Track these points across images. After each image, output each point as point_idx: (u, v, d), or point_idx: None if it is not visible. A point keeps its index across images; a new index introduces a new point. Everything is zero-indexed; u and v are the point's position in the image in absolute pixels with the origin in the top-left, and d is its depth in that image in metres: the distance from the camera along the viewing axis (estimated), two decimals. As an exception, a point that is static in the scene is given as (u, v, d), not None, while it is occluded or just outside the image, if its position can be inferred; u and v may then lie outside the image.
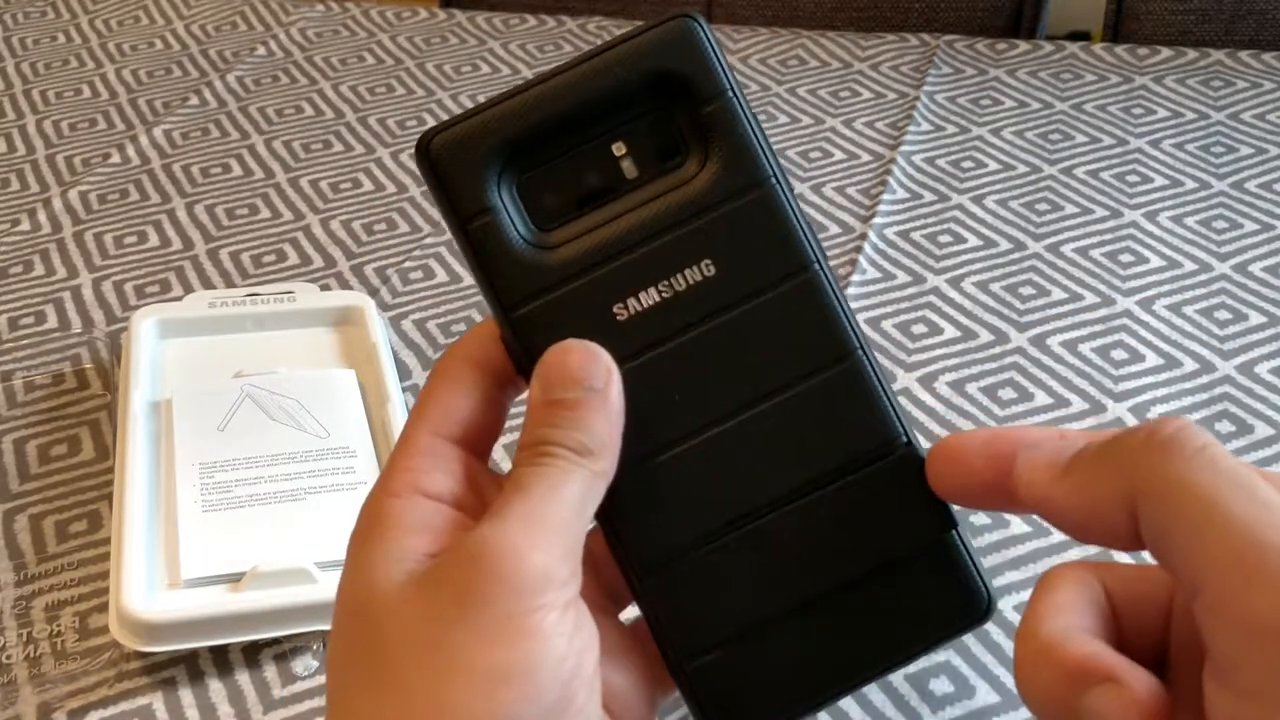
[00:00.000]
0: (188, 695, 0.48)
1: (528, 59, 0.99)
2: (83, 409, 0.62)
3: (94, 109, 0.94)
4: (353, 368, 0.61)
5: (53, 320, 0.70)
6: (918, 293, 0.69)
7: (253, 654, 0.49)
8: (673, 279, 0.32)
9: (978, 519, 0.54)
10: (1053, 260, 0.72)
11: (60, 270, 0.74)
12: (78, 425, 0.61)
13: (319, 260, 0.75)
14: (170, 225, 0.79)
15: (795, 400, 0.32)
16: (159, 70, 1.00)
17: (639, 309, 0.32)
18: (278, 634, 0.48)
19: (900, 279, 0.71)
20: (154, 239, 0.77)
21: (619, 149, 0.33)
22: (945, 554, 0.33)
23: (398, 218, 0.79)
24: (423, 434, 0.32)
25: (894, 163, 0.82)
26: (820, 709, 0.33)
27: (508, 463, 0.50)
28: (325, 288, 0.71)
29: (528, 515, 0.30)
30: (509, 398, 0.34)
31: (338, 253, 0.75)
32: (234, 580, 0.49)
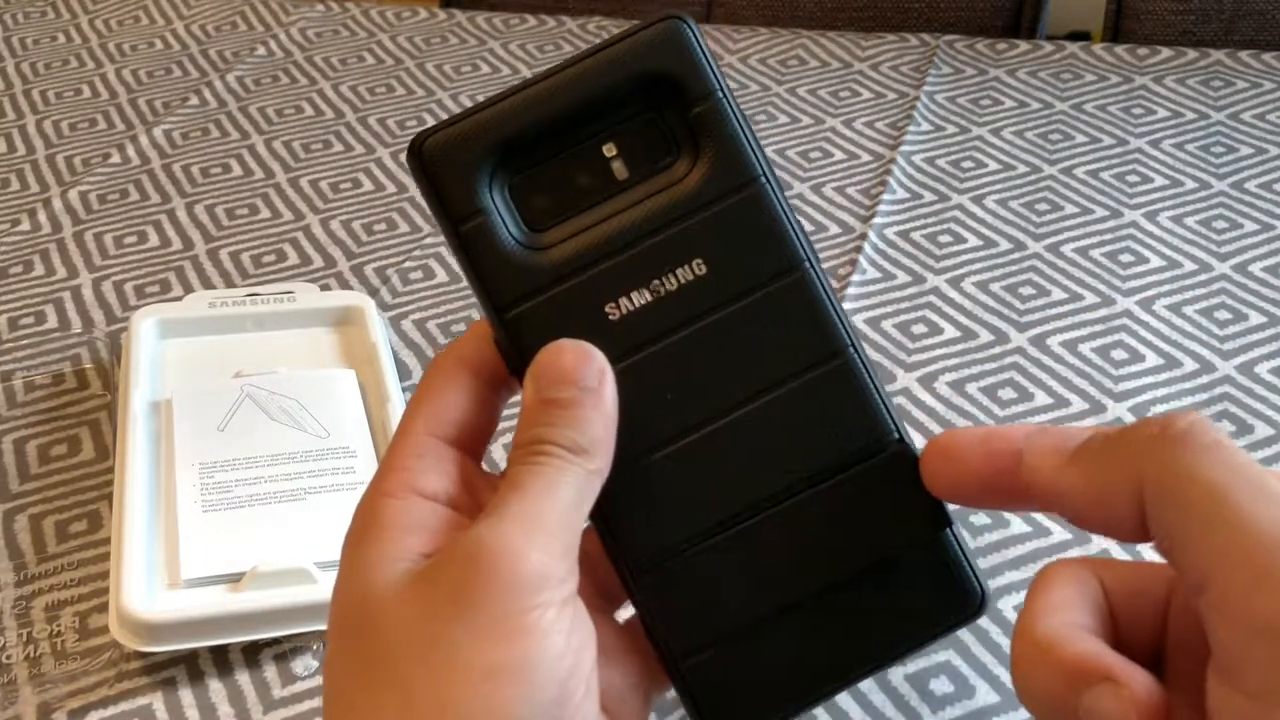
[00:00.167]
0: (188, 695, 0.48)
1: (528, 59, 0.99)
2: (83, 409, 0.63)
3: (94, 109, 0.94)
4: (353, 368, 0.61)
5: (53, 320, 0.70)
6: (918, 293, 0.69)
7: (253, 654, 0.49)
8: (664, 278, 0.32)
9: (977, 518, 0.54)
10: (1053, 260, 0.72)
11: (60, 270, 0.74)
12: (78, 425, 0.61)
13: (319, 260, 0.75)
14: (170, 225, 0.79)
15: (787, 398, 0.32)
16: (159, 70, 1.00)
17: (631, 309, 0.32)
18: (278, 634, 0.48)
19: (900, 279, 0.71)
20: (154, 239, 0.77)
21: (610, 150, 0.33)
22: (938, 550, 0.33)
23: (398, 218, 0.79)
24: (417, 435, 0.32)
25: (894, 163, 0.82)
26: (816, 705, 0.33)
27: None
28: (325, 288, 0.71)
29: (524, 514, 0.30)
30: (502, 398, 0.34)
31: (338, 253, 0.75)
32: (234, 580, 0.49)
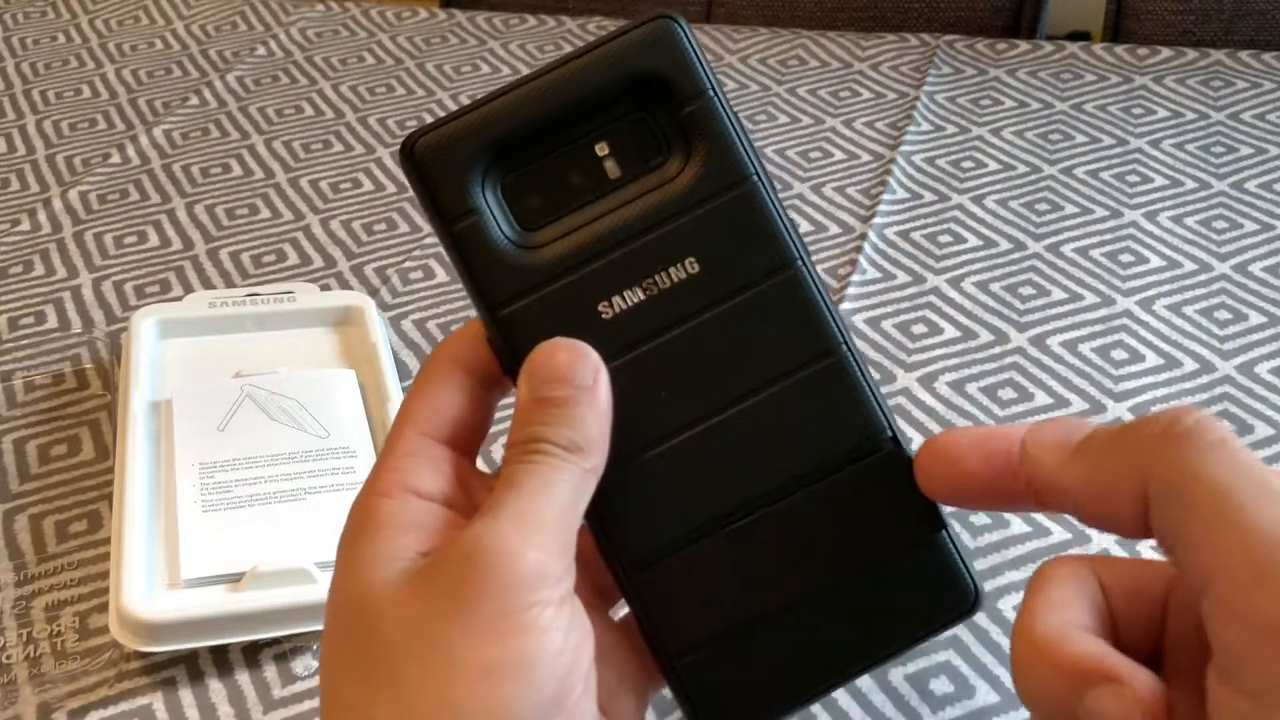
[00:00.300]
0: (188, 695, 0.48)
1: (528, 59, 0.99)
2: (83, 409, 0.63)
3: (94, 109, 0.94)
4: (353, 368, 0.61)
5: (53, 320, 0.70)
6: (918, 293, 0.69)
7: (253, 654, 0.49)
8: (657, 277, 0.32)
9: (977, 518, 0.54)
10: (1053, 260, 0.72)
11: (60, 270, 0.74)
12: (78, 425, 0.61)
13: (319, 260, 0.75)
14: (170, 225, 0.79)
15: (780, 396, 0.32)
16: (159, 70, 1.00)
17: (624, 307, 0.32)
18: (278, 634, 0.48)
19: (900, 279, 0.71)
20: (154, 239, 0.77)
21: (602, 149, 0.33)
22: (932, 548, 0.33)
23: (398, 218, 0.79)
24: (410, 434, 0.32)
25: (894, 163, 0.82)
26: (811, 703, 0.33)
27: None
28: (325, 288, 0.71)
29: (521, 512, 0.30)
30: (495, 398, 0.34)
31: (338, 253, 0.75)
32: (234, 580, 0.49)
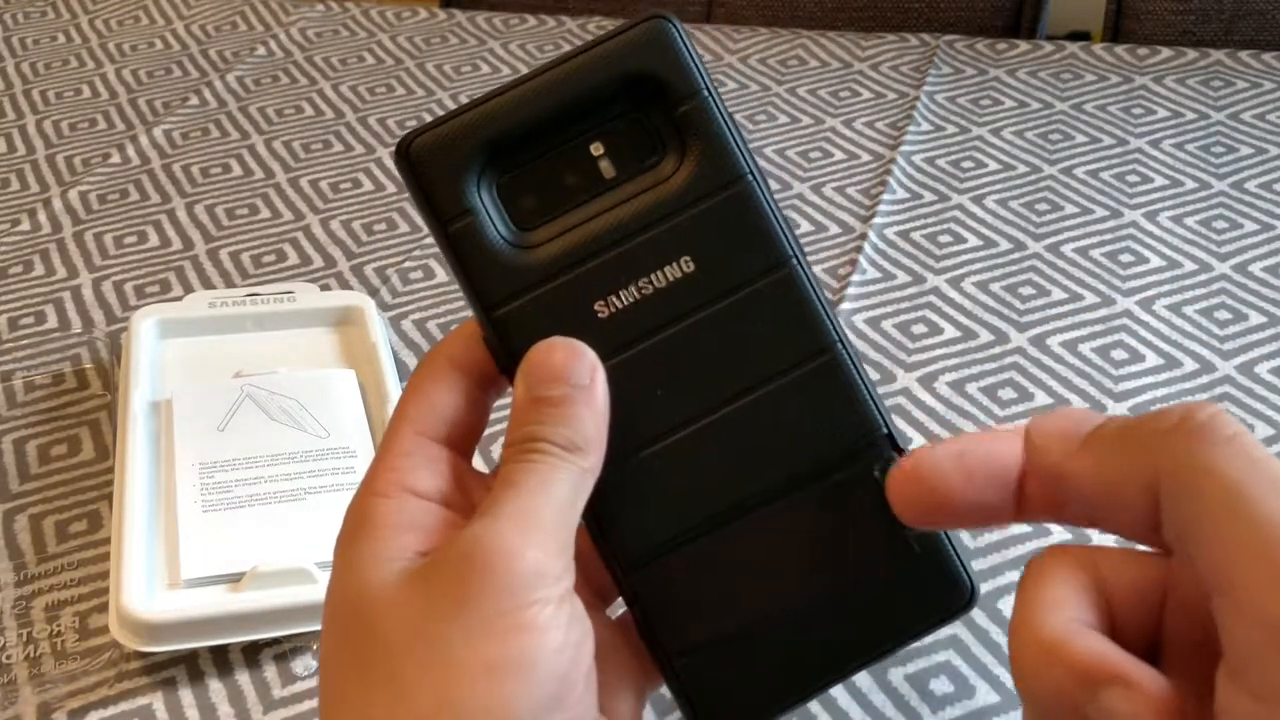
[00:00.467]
0: (188, 695, 0.48)
1: (528, 59, 0.99)
2: (83, 409, 0.63)
3: (94, 109, 0.94)
4: (353, 368, 0.61)
5: (53, 320, 0.70)
6: (918, 293, 0.69)
7: (253, 654, 0.49)
8: (652, 276, 0.33)
9: (978, 519, 0.54)
10: (1053, 260, 0.72)
11: (60, 270, 0.74)
12: (78, 425, 0.61)
13: (319, 260, 0.75)
14: (170, 225, 0.79)
15: (776, 394, 0.33)
16: (159, 70, 1.00)
17: (620, 306, 0.32)
18: (278, 634, 0.48)
19: (900, 279, 0.71)
20: (154, 239, 0.77)
21: (597, 149, 0.33)
22: (928, 545, 0.33)
23: (398, 218, 0.79)
24: (407, 433, 0.32)
25: (894, 163, 0.82)
26: (809, 700, 0.33)
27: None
28: (325, 288, 0.71)
29: (519, 511, 0.30)
30: (492, 398, 0.34)
31: (338, 253, 0.75)
32: (234, 580, 0.49)
